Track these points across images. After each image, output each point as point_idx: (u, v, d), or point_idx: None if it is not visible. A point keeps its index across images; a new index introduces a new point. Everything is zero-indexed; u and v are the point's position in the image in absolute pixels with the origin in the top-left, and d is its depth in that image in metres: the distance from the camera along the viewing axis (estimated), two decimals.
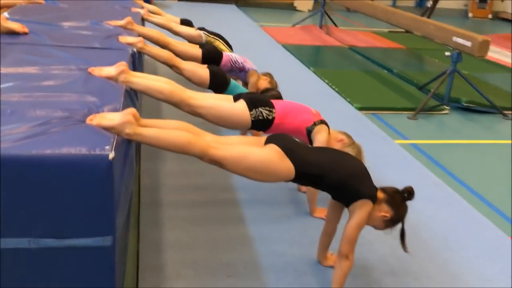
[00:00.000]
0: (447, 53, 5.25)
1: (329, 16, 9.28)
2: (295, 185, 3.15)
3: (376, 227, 2.24)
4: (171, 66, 3.27)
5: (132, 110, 1.90)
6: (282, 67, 5.97)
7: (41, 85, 2.18)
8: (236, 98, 2.74)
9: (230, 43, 4.53)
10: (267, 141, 2.13)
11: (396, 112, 5.06)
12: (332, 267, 2.40)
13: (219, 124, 2.70)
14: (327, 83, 5.67)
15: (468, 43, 4.84)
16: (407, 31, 9.90)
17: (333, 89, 5.47)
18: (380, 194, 2.18)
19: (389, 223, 2.20)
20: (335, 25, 9.52)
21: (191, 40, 4.46)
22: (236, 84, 3.52)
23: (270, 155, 2.03)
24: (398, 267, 2.50)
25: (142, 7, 4.72)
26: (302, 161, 2.07)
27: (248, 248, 2.53)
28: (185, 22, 5.07)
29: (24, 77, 2.24)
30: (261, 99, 2.75)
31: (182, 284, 2.22)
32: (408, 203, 2.20)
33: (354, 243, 2.14)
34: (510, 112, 5.32)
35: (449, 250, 2.69)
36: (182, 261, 2.38)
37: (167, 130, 1.96)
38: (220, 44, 4.42)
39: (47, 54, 2.67)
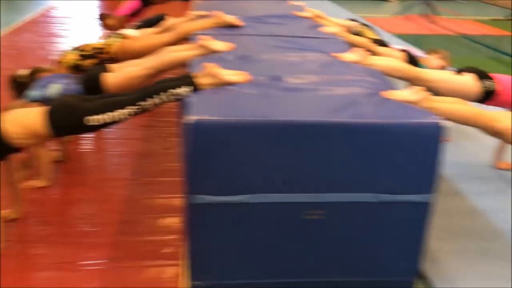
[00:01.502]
0: None
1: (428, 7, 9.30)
2: None
3: None
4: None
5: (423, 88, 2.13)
6: None
7: (317, 68, 2.44)
8: (457, 72, 2.87)
9: None
10: None
11: None
12: None
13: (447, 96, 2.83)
14: None
15: None
16: None
17: None
18: None
19: None
20: (434, 13, 9.53)
21: None
22: None
23: None
24: None
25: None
26: None
27: None
28: None
29: (296, 62, 2.52)
30: (484, 72, 2.84)
31: None
32: None
33: None
34: None
35: None
36: None
37: (455, 104, 2.18)
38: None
39: (277, 43, 2.84)
